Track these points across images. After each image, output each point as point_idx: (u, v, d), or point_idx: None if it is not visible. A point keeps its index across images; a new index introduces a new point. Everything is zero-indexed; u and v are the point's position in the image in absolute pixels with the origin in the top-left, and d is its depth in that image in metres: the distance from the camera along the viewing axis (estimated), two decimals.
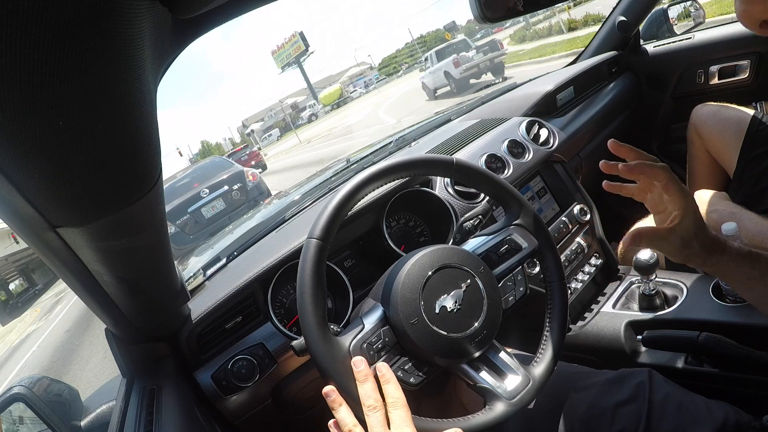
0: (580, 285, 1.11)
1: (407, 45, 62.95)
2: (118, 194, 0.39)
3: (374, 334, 0.61)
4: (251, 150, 16.13)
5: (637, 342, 0.93)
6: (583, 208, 1.18)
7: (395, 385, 0.57)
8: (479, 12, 0.65)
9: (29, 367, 7.57)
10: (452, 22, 49.21)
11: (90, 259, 0.48)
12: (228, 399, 0.81)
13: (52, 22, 0.22)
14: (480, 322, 0.63)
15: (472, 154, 1.16)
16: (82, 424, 0.98)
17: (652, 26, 1.68)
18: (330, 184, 1.27)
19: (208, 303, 0.84)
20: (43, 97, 0.25)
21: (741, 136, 1.18)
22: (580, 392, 0.71)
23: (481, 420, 0.60)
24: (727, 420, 0.61)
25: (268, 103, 67.32)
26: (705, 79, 1.53)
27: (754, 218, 0.95)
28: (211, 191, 5.93)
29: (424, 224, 1.06)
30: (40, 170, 0.31)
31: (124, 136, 0.34)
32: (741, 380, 0.77)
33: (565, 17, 14.62)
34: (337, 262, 0.94)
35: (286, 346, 0.85)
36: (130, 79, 0.30)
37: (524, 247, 0.73)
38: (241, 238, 1.17)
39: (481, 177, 0.74)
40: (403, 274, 0.63)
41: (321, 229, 0.61)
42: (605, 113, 1.48)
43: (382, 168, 0.66)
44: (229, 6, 0.39)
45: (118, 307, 0.64)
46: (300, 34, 43.94)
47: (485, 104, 1.58)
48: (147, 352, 0.81)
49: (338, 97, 14.29)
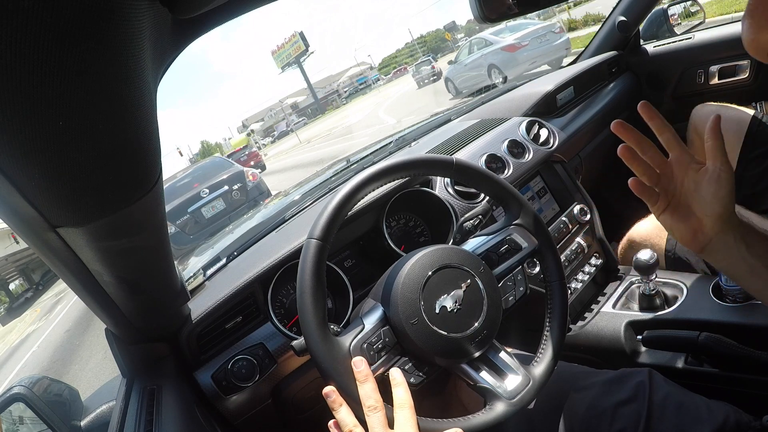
0: (580, 285, 1.11)
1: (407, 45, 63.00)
2: (118, 194, 0.39)
3: (374, 334, 0.61)
4: (251, 150, 16.12)
5: (637, 342, 0.93)
6: (583, 208, 1.18)
7: (405, 389, 0.57)
8: (479, 12, 0.65)
9: (29, 367, 7.57)
10: (452, 22, 49.26)
11: (90, 259, 0.48)
12: (228, 399, 0.81)
13: (52, 22, 0.22)
14: (480, 322, 0.63)
15: (472, 154, 1.16)
16: (82, 424, 0.98)
17: (652, 26, 1.68)
18: (330, 184, 1.27)
19: (208, 303, 0.84)
20: (43, 97, 0.25)
21: (741, 136, 1.18)
22: (580, 392, 0.71)
23: (481, 420, 0.60)
24: (727, 420, 0.61)
25: (268, 103, 67.41)
26: (705, 79, 1.53)
27: (754, 218, 0.95)
28: (211, 191, 5.93)
29: (424, 224, 1.06)
30: (40, 170, 0.31)
31: (124, 136, 0.34)
32: (741, 380, 0.77)
33: (565, 17, 14.63)
34: (337, 262, 0.94)
35: (286, 346, 0.85)
36: (130, 79, 0.30)
37: (524, 247, 0.73)
38: (241, 238, 1.17)
39: (481, 177, 0.74)
40: (403, 274, 0.63)
41: (321, 229, 0.61)
42: (605, 113, 1.48)
43: (382, 168, 0.66)
44: (229, 6, 0.39)
45: (118, 307, 0.64)
46: (300, 34, 44.01)
47: (485, 104, 1.58)
48: (147, 352, 0.81)
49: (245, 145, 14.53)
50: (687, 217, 0.56)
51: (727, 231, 0.53)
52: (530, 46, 8.13)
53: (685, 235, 0.56)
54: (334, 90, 57.17)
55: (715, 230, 0.54)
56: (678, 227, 0.57)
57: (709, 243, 0.55)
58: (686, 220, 0.56)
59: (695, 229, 0.55)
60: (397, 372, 0.60)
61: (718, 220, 0.53)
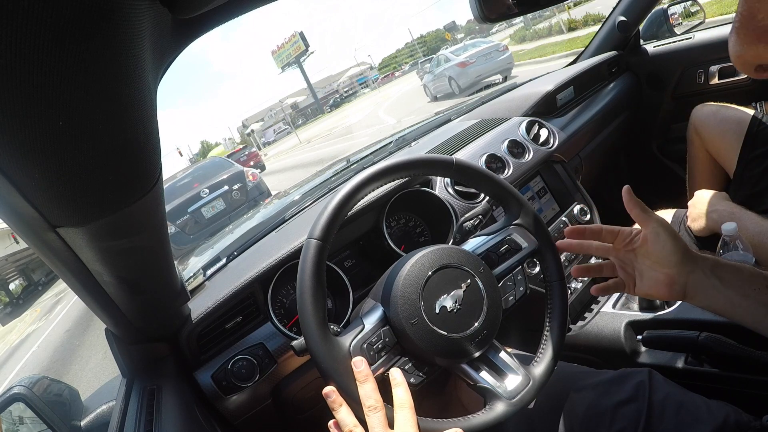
0: (580, 285, 1.11)
1: (407, 45, 63.03)
2: (118, 194, 0.39)
3: (374, 335, 0.61)
4: (250, 151, 16.12)
5: (637, 342, 0.93)
6: (583, 208, 1.18)
7: (405, 389, 0.58)
8: (479, 12, 0.65)
9: (29, 367, 7.57)
10: (452, 22, 49.28)
11: (90, 259, 0.48)
12: (228, 399, 0.81)
13: (52, 22, 0.22)
14: (480, 322, 0.63)
15: (472, 154, 1.16)
16: (82, 424, 0.98)
17: (652, 26, 1.68)
18: (330, 184, 1.27)
19: (208, 303, 0.84)
20: (43, 97, 0.25)
21: (741, 136, 1.18)
22: (580, 392, 0.71)
23: (481, 420, 0.60)
24: (727, 420, 0.61)
25: (268, 103, 67.44)
26: (705, 79, 1.53)
27: (754, 218, 0.95)
28: (211, 191, 5.93)
29: (424, 224, 1.06)
30: (40, 170, 0.31)
31: (124, 136, 0.34)
32: (741, 380, 0.77)
33: (565, 17, 14.62)
34: (337, 262, 0.94)
35: (286, 346, 0.85)
36: (130, 79, 0.30)
37: (524, 247, 0.73)
38: (241, 238, 1.17)
39: (481, 177, 0.74)
40: (403, 274, 0.63)
41: (321, 229, 0.61)
42: (605, 113, 1.48)
43: (382, 168, 0.66)
44: (229, 6, 0.39)
45: (118, 307, 0.64)
46: (300, 34, 44.02)
47: (485, 104, 1.58)
48: (147, 352, 0.81)
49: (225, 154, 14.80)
50: (656, 282, 0.61)
51: (695, 270, 0.59)
52: (477, 62, 10.50)
53: (663, 293, 0.61)
54: (334, 90, 57.23)
55: (684, 274, 0.59)
56: (654, 292, 0.62)
57: (686, 287, 0.59)
58: (657, 284, 0.61)
59: (669, 284, 0.60)
60: (397, 372, 0.60)
61: (681, 264, 0.59)
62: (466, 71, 10.55)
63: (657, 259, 0.60)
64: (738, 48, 0.34)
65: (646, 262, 0.62)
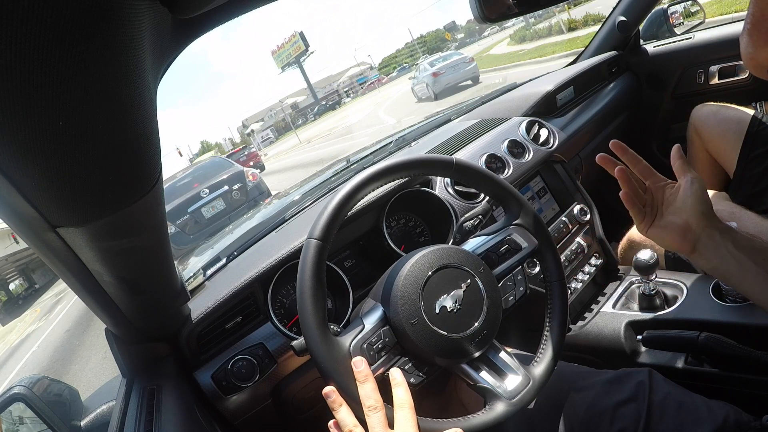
0: (580, 285, 1.11)
1: (407, 45, 63.01)
2: (118, 194, 0.39)
3: (374, 335, 0.61)
4: (250, 151, 16.11)
5: (637, 342, 0.93)
6: (583, 208, 1.18)
7: (405, 389, 0.57)
8: (479, 12, 0.65)
9: (29, 367, 7.56)
10: (452, 22, 49.28)
11: (90, 259, 0.48)
12: (228, 399, 0.81)
13: (52, 23, 0.22)
14: (480, 322, 0.63)
15: (472, 154, 1.16)
16: (82, 424, 0.98)
17: (652, 26, 1.68)
18: (330, 184, 1.27)
19: (208, 303, 0.84)
20: (43, 97, 0.25)
21: (741, 136, 1.18)
22: (580, 392, 0.71)
23: (481, 420, 0.60)
24: (727, 420, 0.61)
25: (268, 103, 67.43)
26: (705, 79, 1.53)
27: (754, 218, 0.95)
28: (211, 191, 5.93)
29: (424, 224, 1.06)
30: (40, 170, 0.31)
31: (124, 136, 0.34)
32: (741, 380, 0.77)
33: (565, 17, 14.62)
34: (337, 262, 0.94)
35: (286, 346, 0.85)
36: (130, 79, 0.30)
37: (524, 247, 0.73)
38: (241, 238, 1.17)
39: (480, 177, 0.74)
40: (403, 274, 0.63)
41: (321, 229, 0.61)
42: (605, 113, 1.48)
43: (382, 168, 0.66)
44: (229, 6, 0.39)
45: (118, 307, 0.64)
46: (300, 34, 44.03)
47: (485, 104, 1.58)
48: (147, 352, 0.81)
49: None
50: (672, 226, 0.63)
51: (712, 228, 0.60)
52: (447, 73, 13.09)
53: (674, 239, 0.62)
54: (334, 90, 57.18)
55: (702, 227, 0.60)
56: (666, 235, 0.64)
57: (698, 241, 0.60)
58: (672, 228, 0.63)
59: (684, 231, 0.61)
60: (397, 372, 0.60)
61: (703, 217, 0.60)
62: (438, 80, 13.14)
63: (682, 204, 0.62)
64: (750, 50, 0.34)
65: (670, 205, 0.64)
